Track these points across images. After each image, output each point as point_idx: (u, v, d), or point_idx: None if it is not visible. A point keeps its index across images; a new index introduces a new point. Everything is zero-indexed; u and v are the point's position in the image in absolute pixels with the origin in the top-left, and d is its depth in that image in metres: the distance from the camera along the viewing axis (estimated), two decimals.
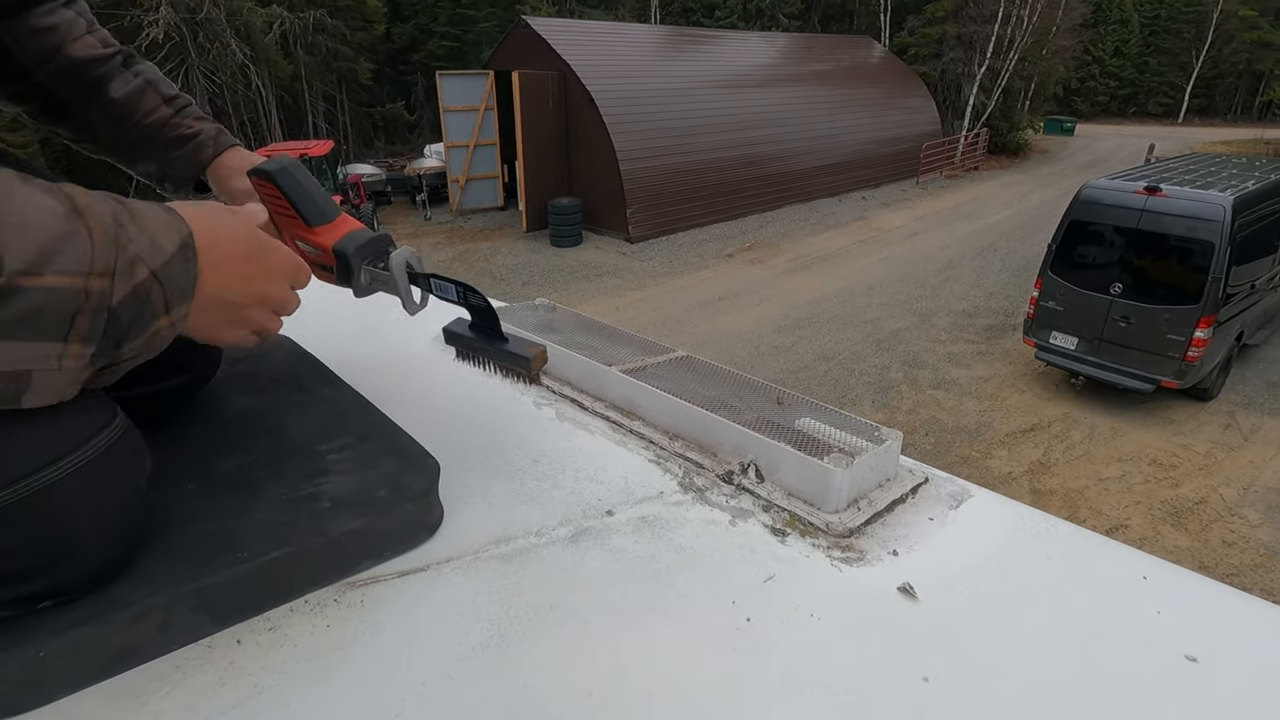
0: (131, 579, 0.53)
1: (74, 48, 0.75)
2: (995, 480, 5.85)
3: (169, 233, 0.48)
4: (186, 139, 0.80)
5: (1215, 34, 42.66)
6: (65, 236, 0.41)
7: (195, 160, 0.81)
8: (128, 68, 0.79)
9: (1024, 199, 17.07)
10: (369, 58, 24.08)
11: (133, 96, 0.78)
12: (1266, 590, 4.67)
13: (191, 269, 0.50)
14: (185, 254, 0.49)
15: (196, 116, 0.82)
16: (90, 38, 0.77)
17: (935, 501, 0.75)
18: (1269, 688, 0.52)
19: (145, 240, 0.46)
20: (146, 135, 0.79)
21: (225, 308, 0.54)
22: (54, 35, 0.74)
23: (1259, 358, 8.03)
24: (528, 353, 0.71)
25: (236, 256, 0.55)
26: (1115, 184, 6.99)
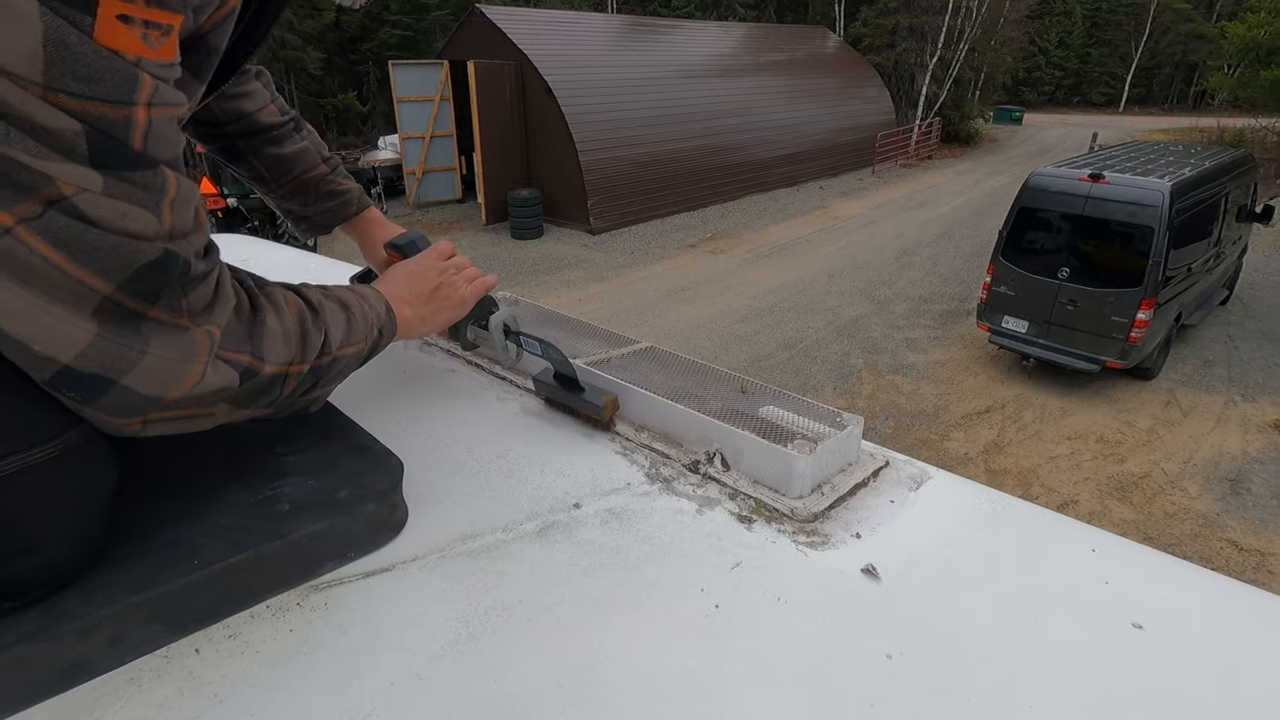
0: (81, 590, 0.51)
1: (261, 114, 0.93)
2: (952, 461, 6.02)
3: (378, 303, 0.76)
4: (336, 195, 1.01)
5: (1153, 26, 44.29)
6: (348, 324, 0.69)
7: (340, 214, 1.02)
8: (297, 131, 0.98)
9: (976, 187, 17.51)
10: (317, 46, 23.36)
11: (299, 154, 0.98)
12: (1205, 558, 4.91)
13: (393, 322, 0.78)
14: (390, 314, 0.78)
15: (344, 176, 1.02)
16: (273, 107, 0.95)
17: (896, 484, 0.77)
18: (1209, 650, 0.55)
19: (373, 311, 0.74)
20: (304, 186, 0.99)
21: (421, 326, 0.85)
22: (244, 101, 0.92)
23: (1196, 337, 8.41)
24: (599, 401, 0.84)
25: (418, 300, 0.84)
26: (1061, 171, 7.22)
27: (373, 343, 0.74)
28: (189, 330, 0.50)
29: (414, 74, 14.10)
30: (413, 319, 0.83)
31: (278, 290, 0.63)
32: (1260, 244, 11.17)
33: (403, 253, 0.92)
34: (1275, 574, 4.81)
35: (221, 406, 0.56)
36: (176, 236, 0.48)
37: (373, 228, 1.04)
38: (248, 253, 1.69)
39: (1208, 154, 8.40)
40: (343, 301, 0.71)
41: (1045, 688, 0.51)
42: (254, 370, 0.56)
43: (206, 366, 0.52)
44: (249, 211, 10.78)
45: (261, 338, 0.57)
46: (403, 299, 0.82)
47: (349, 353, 0.69)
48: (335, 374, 0.68)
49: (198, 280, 0.51)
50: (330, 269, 1.54)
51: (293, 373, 0.61)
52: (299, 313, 0.63)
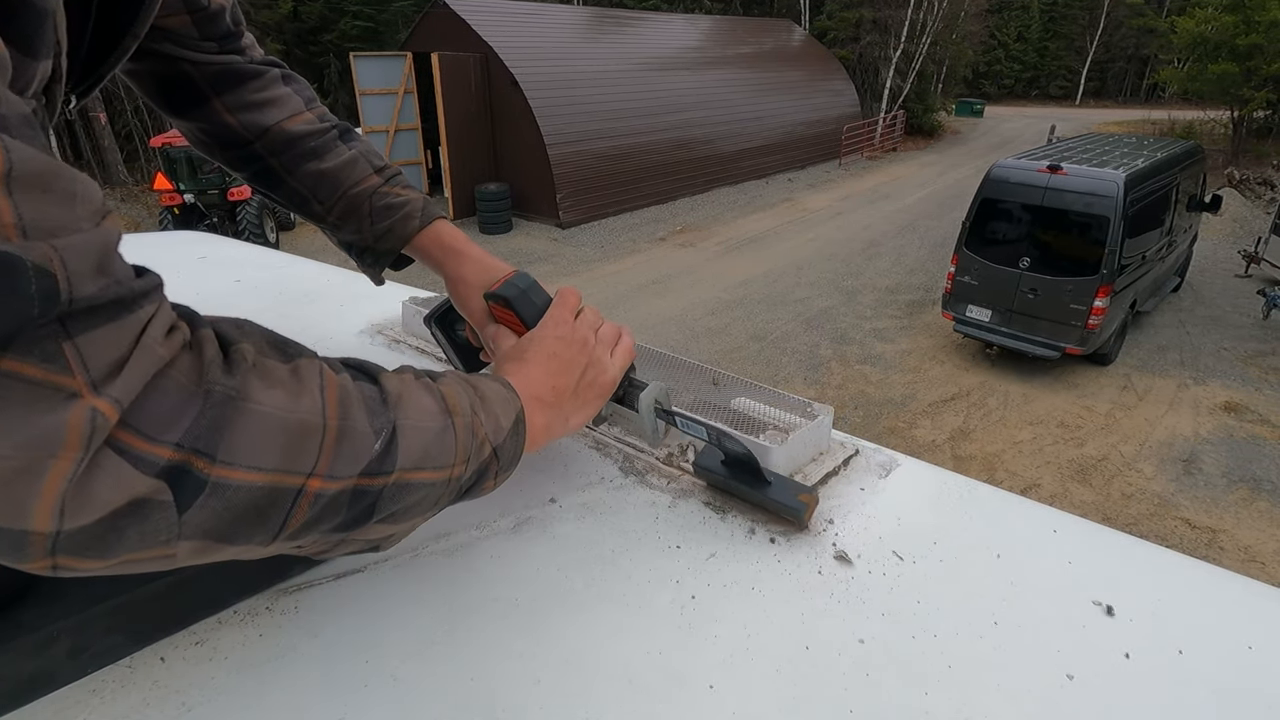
0: (38, 601, 0.50)
1: (289, 123, 0.77)
2: (920, 448, 6.15)
3: (507, 410, 0.55)
4: (394, 208, 0.78)
5: (1107, 20, 45.52)
6: (439, 435, 0.47)
7: (402, 231, 0.79)
8: (343, 141, 0.79)
9: (939, 178, 17.83)
10: (275, 38, 22.77)
11: (344, 166, 0.78)
12: (1161, 536, 5.10)
13: (521, 440, 0.56)
14: (517, 428, 0.55)
15: (404, 186, 0.81)
16: (309, 114, 0.78)
17: (866, 472, 0.78)
18: (1167, 625, 0.57)
19: (491, 422, 0.52)
20: (355, 204, 0.78)
21: (552, 433, 0.62)
22: (269, 110, 0.76)
23: (1150, 324, 8.70)
24: (798, 503, 0.66)
25: (562, 396, 0.62)
26: (1021, 163, 7.39)
27: (478, 467, 0.51)
28: (66, 403, 0.30)
29: (376, 66, 13.83)
30: (551, 425, 0.61)
31: (311, 362, 0.43)
32: (1209, 233, 11.58)
33: (514, 309, 0.67)
34: (1226, 550, 5.02)
35: (181, 545, 0.36)
36: (32, 235, 0.29)
37: (453, 256, 0.78)
38: (203, 250, 1.65)
39: (1160, 146, 8.67)
40: (446, 399, 0.49)
41: (1013, 667, 0.53)
42: (192, 474, 0.35)
43: (78, 466, 0.31)
44: (206, 208, 10.48)
45: (222, 422, 0.36)
46: (543, 399, 0.60)
47: (430, 478, 0.47)
48: (404, 508, 0.46)
49: (96, 317, 0.32)
50: (292, 266, 1.50)
51: (309, 490, 0.40)
52: (340, 399, 0.42)
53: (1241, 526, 5.24)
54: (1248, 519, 5.32)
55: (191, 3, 0.70)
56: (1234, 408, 6.80)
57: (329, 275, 1.42)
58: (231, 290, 1.33)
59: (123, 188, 15.02)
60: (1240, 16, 18.26)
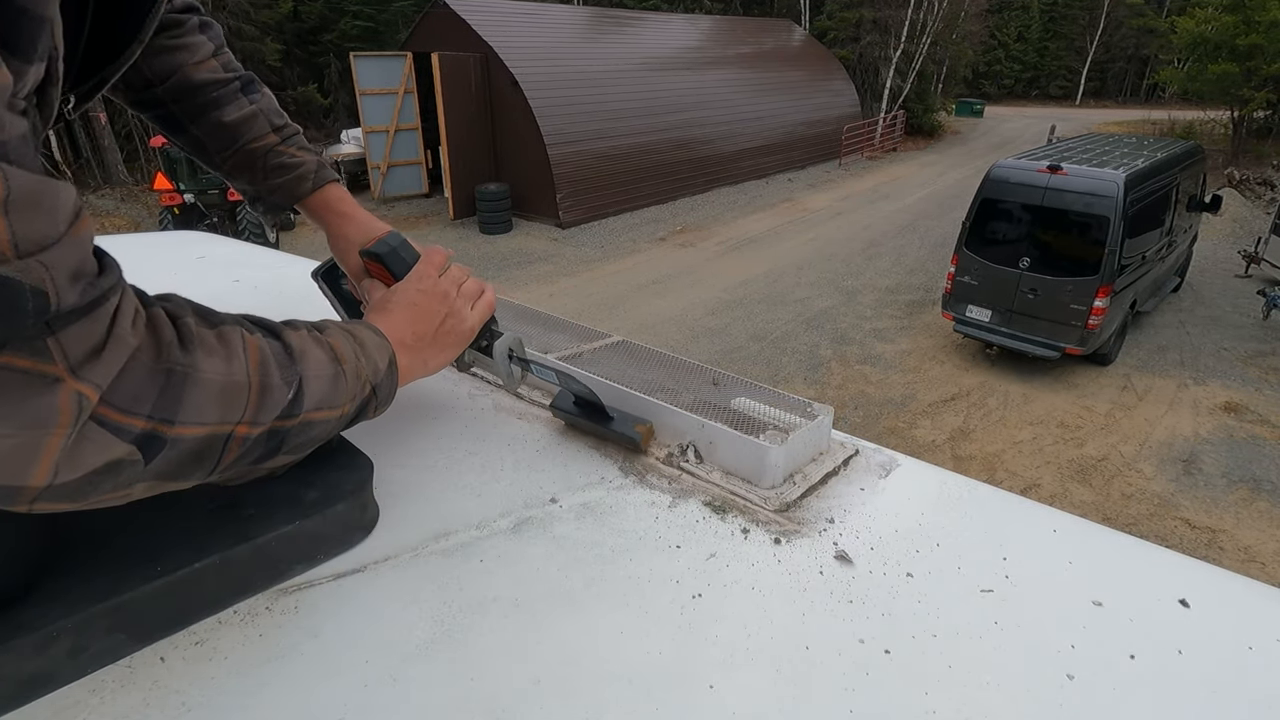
0: (38, 601, 0.50)
1: (195, 70, 0.78)
2: (920, 448, 6.15)
3: (382, 354, 0.64)
4: (288, 168, 0.83)
5: (1107, 20, 45.52)
6: (333, 380, 0.57)
7: (294, 191, 0.84)
8: (245, 94, 0.82)
9: (939, 178, 17.82)
10: (276, 38, 22.76)
11: (243, 121, 0.81)
12: (1161, 536, 5.10)
13: (395, 379, 0.65)
14: (391, 369, 0.64)
15: (300, 147, 0.85)
16: (214, 61, 0.80)
17: (866, 472, 0.78)
18: (1167, 626, 0.57)
19: (370, 365, 0.62)
20: (250, 159, 0.82)
21: (417, 371, 0.71)
22: (179, 55, 0.77)
23: (1150, 324, 8.70)
24: (634, 433, 0.76)
25: (422, 340, 0.70)
26: (1021, 163, 7.39)
27: (360, 403, 0.61)
28: (53, 387, 0.37)
29: (377, 66, 13.84)
30: (413, 366, 0.69)
31: (234, 329, 0.51)
32: (1209, 233, 11.58)
33: (384, 264, 0.75)
34: (1226, 550, 5.01)
35: (138, 486, 0.45)
36: (24, 253, 0.34)
37: (337, 217, 0.86)
38: (202, 250, 1.65)
39: (1159, 146, 8.67)
40: (335, 351, 0.58)
41: (1012, 667, 0.53)
42: (158, 437, 0.43)
43: (69, 439, 0.38)
44: (206, 208, 10.48)
45: (180, 392, 0.44)
46: (405, 343, 0.68)
47: (327, 416, 0.57)
48: (305, 441, 0.57)
49: (76, 315, 0.38)
50: (291, 266, 1.51)
51: (237, 435, 0.49)
52: (260, 361, 0.51)
53: (1241, 526, 5.24)
54: (1248, 519, 5.32)
55: None
56: (1234, 408, 6.80)
57: None
58: (231, 290, 1.33)
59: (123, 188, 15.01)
60: (1240, 16, 18.26)
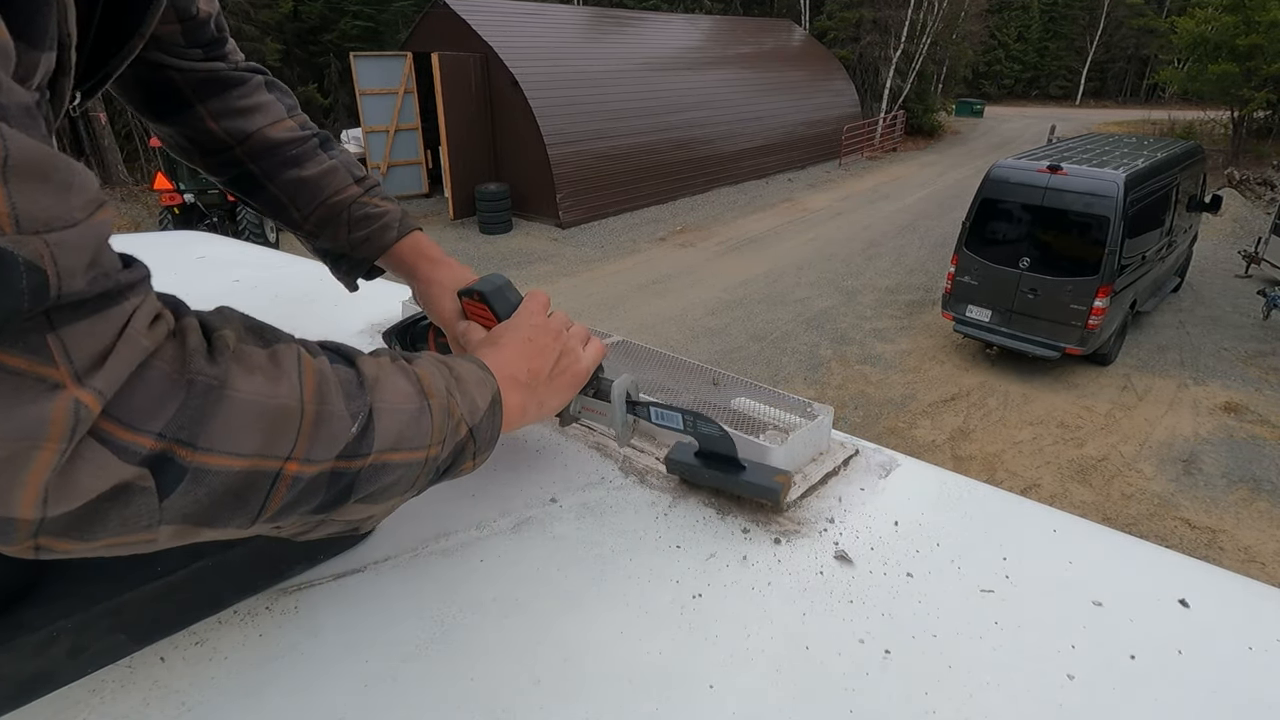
0: (38, 601, 0.50)
1: (271, 130, 0.77)
2: (920, 448, 6.14)
3: (483, 391, 0.55)
4: (373, 218, 0.80)
5: (1106, 20, 45.52)
6: (415, 416, 0.48)
7: (379, 241, 0.80)
8: (324, 150, 0.80)
9: (939, 178, 17.82)
10: (276, 38, 22.77)
11: (324, 175, 0.79)
12: (1161, 537, 5.10)
13: (498, 421, 0.56)
14: (494, 409, 0.56)
15: (383, 198, 0.82)
16: (290, 121, 0.79)
17: (866, 472, 0.78)
18: (1166, 626, 0.57)
19: (468, 403, 0.53)
20: (334, 213, 0.79)
21: (530, 415, 0.63)
22: (254, 116, 0.77)
23: (1150, 324, 8.69)
24: (774, 484, 0.67)
25: (537, 378, 0.63)
26: (1021, 163, 7.39)
27: (454, 448, 0.52)
28: (50, 393, 0.31)
29: (377, 66, 13.84)
30: (526, 407, 0.62)
31: (290, 348, 0.43)
32: (1209, 233, 11.57)
33: (488, 303, 0.69)
34: (1226, 550, 5.01)
35: (163, 529, 0.37)
36: (26, 230, 0.29)
37: (428, 262, 0.79)
38: (202, 250, 1.65)
39: (1159, 146, 8.67)
40: (421, 382, 0.50)
41: (1013, 667, 0.53)
42: (174, 461, 0.35)
43: (61, 456, 0.31)
44: (207, 207, 10.48)
45: (204, 410, 0.36)
46: (518, 380, 0.61)
47: (407, 459, 0.47)
48: (382, 489, 0.47)
49: (83, 310, 0.32)
50: (291, 266, 1.50)
51: (286, 474, 0.40)
52: (318, 385, 0.42)
53: (1241, 527, 5.24)
54: (1248, 519, 5.32)
55: (181, 10, 0.70)
56: (1234, 408, 6.80)
57: (328, 275, 1.42)
58: (230, 290, 1.33)
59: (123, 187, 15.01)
60: (1240, 17, 18.25)
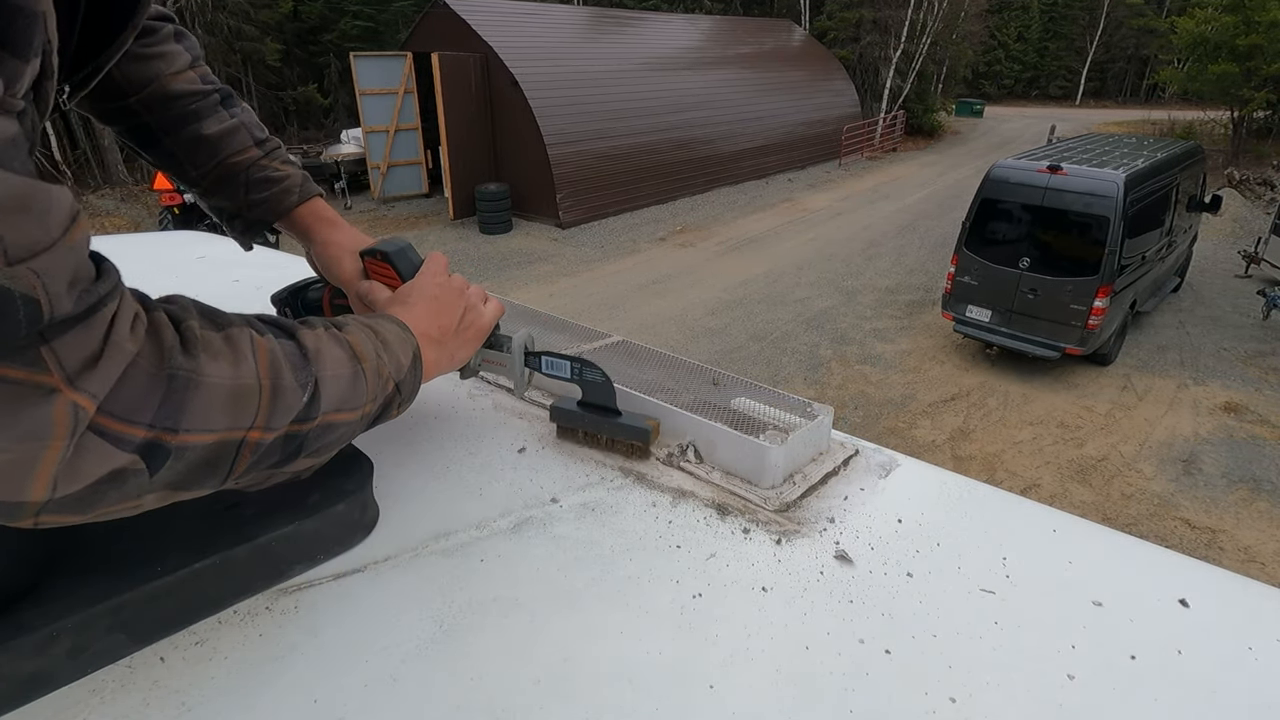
0: (38, 601, 0.50)
1: (172, 80, 0.75)
2: (920, 448, 6.14)
3: (405, 349, 0.61)
4: (272, 181, 0.79)
5: (1106, 20, 45.52)
6: (352, 380, 0.54)
7: (277, 205, 0.80)
8: (225, 107, 0.78)
9: (939, 178, 17.81)
10: (276, 38, 22.77)
11: (224, 134, 0.78)
12: (1160, 536, 5.10)
13: (418, 375, 0.63)
14: (415, 365, 0.62)
15: (284, 160, 0.82)
16: (191, 73, 0.76)
17: (866, 472, 0.78)
18: (1166, 625, 0.57)
19: (394, 362, 0.59)
20: (231, 173, 0.78)
21: (442, 367, 0.69)
22: (154, 64, 0.74)
23: (1150, 324, 8.69)
24: (644, 425, 0.74)
25: (446, 334, 0.69)
26: (1021, 163, 7.38)
27: (384, 401, 0.58)
28: (49, 398, 0.35)
29: (377, 66, 13.83)
30: (439, 360, 0.67)
31: (242, 330, 0.48)
32: (1209, 233, 11.57)
33: (392, 262, 0.72)
34: (1226, 550, 5.01)
35: (147, 496, 0.43)
36: (14, 259, 0.32)
37: (327, 225, 0.81)
38: (202, 250, 1.65)
39: (1159, 146, 8.66)
40: (354, 349, 0.55)
41: (1013, 667, 0.53)
42: (161, 445, 0.41)
43: (66, 451, 0.37)
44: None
45: (183, 399, 0.42)
46: (430, 336, 0.66)
47: (347, 418, 0.54)
48: (326, 444, 0.54)
49: (71, 323, 0.36)
50: (291, 265, 1.51)
51: (250, 441, 0.46)
52: (271, 363, 0.48)
53: (1241, 527, 5.23)
54: (1247, 519, 5.31)
55: None
56: (1234, 408, 6.80)
57: None
58: (231, 290, 1.33)
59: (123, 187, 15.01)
60: (1240, 17, 18.25)
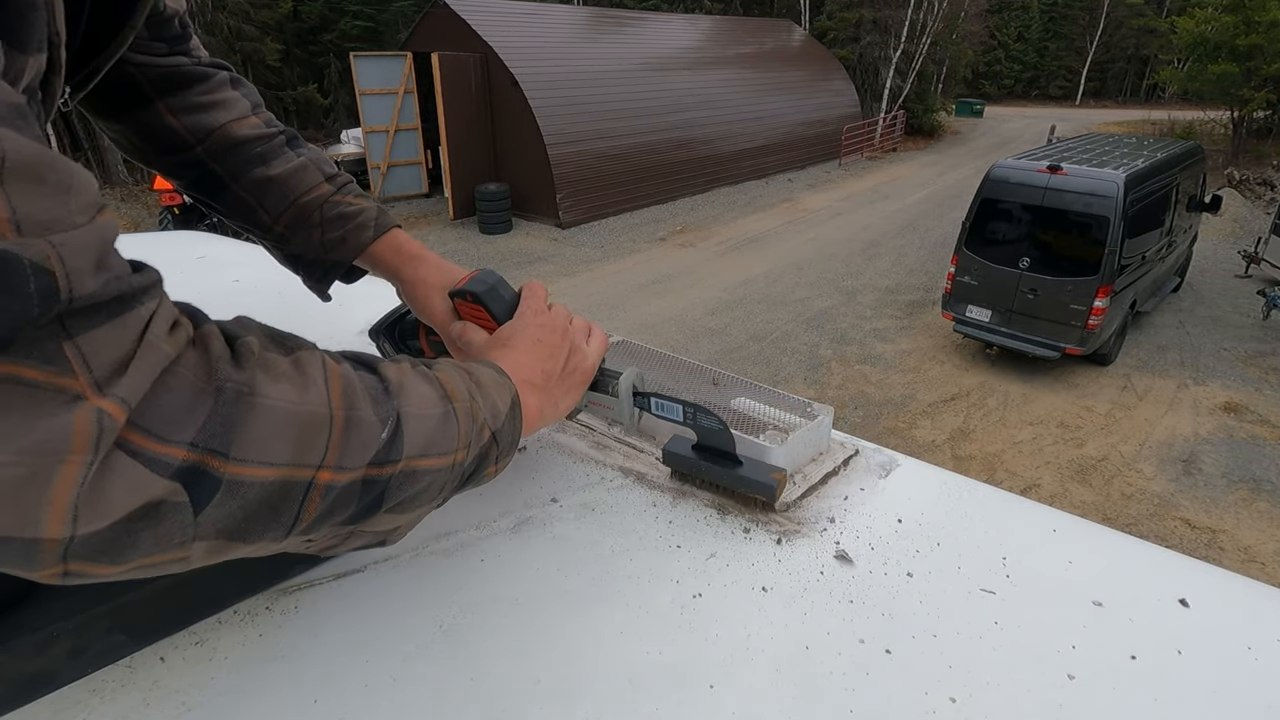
0: (38, 601, 0.50)
1: (235, 127, 0.73)
2: (920, 448, 6.14)
3: (503, 394, 0.55)
4: (347, 217, 0.75)
5: (1107, 20, 45.54)
6: (442, 420, 0.47)
7: (355, 241, 0.75)
8: (291, 148, 0.76)
9: (939, 179, 17.81)
10: (275, 38, 22.78)
11: (293, 173, 0.75)
12: (1161, 536, 5.10)
13: (518, 424, 0.56)
14: (514, 412, 0.56)
15: (356, 194, 0.78)
16: (255, 118, 0.75)
17: (866, 472, 0.78)
18: (1166, 626, 0.57)
19: (489, 407, 0.52)
20: (305, 213, 0.75)
21: (545, 418, 0.63)
22: (215, 113, 0.72)
23: (1150, 324, 8.69)
24: (770, 480, 0.67)
25: (550, 379, 0.63)
26: (1021, 163, 7.39)
27: (479, 452, 0.51)
28: (71, 405, 0.29)
29: (377, 66, 13.84)
30: (543, 409, 0.62)
31: (313, 354, 0.42)
32: (1209, 233, 11.57)
33: (484, 303, 0.66)
34: (1226, 550, 5.01)
35: (196, 546, 0.36)
36: (27, 230, 0.28)
37: (410, 260, 0.75)
38: (203, 250, 1.65)
39: (1159, 146, 8.66)
40: (445, 386, 0.49)
41: (1013, 667, 0.53)
42: (208, 473, 0.34)
43: (88, 470, 0.30)
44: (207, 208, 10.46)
45: (235, 419, 0.35)
46: (533, 383, 0.61)
47: (435, 464, 0.46)
48: (411, 497, 0.46)
49: (98, 316, 0.31)
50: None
51: (319, 483, 0.39)
52: (345, 390, 0.41)
53: (1241, 527, 5.23)
54: (1248, 519, 5.32)
55: None
56: (1234, 408, 6.80)
57: None
58: (231, 290, 1.33)
59: (123, 187, 15.02)
60: (1240, 17, 18.25)
